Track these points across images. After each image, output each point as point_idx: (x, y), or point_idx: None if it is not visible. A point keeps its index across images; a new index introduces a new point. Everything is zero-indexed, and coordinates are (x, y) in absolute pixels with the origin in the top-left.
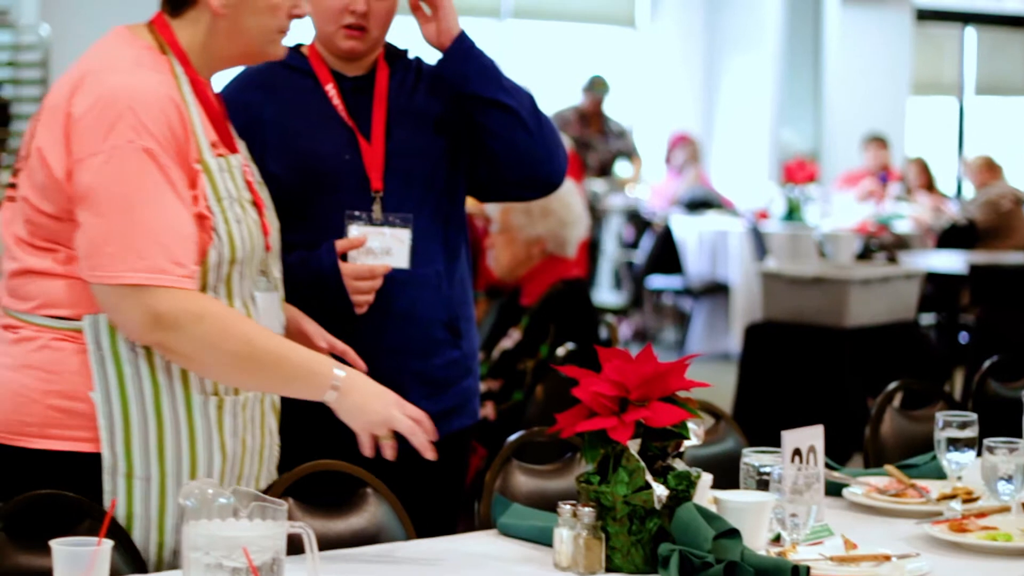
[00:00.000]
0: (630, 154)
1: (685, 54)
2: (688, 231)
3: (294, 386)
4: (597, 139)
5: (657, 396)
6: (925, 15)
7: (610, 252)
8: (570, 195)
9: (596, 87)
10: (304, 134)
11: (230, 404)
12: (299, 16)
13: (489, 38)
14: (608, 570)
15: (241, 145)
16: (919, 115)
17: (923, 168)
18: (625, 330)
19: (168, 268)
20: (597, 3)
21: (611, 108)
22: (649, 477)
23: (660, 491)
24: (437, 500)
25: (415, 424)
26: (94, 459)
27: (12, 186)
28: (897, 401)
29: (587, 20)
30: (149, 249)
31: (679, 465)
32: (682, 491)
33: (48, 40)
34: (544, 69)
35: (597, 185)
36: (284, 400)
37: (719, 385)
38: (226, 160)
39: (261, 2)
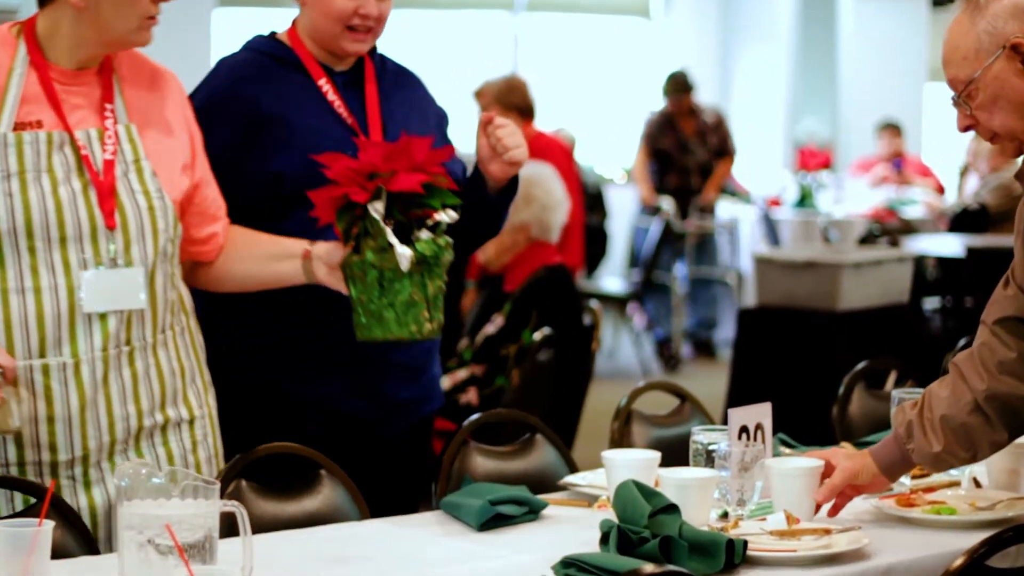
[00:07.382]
0: (724, 151)
1: (700, 45)
2: None
3: None
4: (693, 141)
5: (404, 169)
6: (941, 0)
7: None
8: (550, 180)
9: (676, 87)
10: (304, 131)
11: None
12: None
13: (503, 31)
14: (368, 340)
15: (125, 133)
16: (935, 101)
17: None
18: (638, 320)
19: None
20: None
21: (639, 99)
22: (393, 239)
23: (404, 251)
24: (402, 482)
25: None
26: None
27: None
28: (890, 383)
29: (601, 11)
30: None
31: (426, 235)
32: (431, 257)
33: None
34: (558, 61)
35: (665, 202)
36: (236, 385)
37: (723, 371)
38: (21, 136)
39: None
